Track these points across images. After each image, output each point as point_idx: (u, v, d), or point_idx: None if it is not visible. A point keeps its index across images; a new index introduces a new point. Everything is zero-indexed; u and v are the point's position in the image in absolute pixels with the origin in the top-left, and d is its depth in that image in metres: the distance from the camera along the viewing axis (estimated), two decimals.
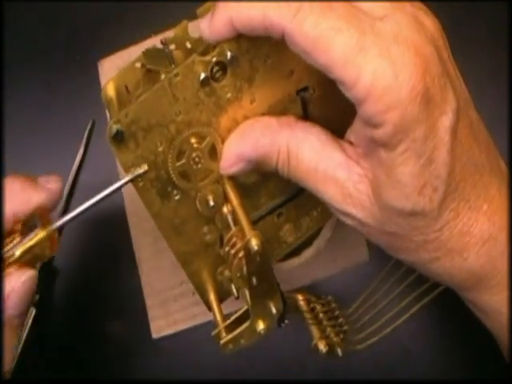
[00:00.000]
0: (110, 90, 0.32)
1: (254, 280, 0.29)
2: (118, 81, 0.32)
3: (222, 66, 0.28)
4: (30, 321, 0.44)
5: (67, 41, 0.48)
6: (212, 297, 0.35)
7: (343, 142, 0.30)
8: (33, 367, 0.44)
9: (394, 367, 0.44)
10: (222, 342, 0.31)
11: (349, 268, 0.45)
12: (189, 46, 0.32)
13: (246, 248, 0.27)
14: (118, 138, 0.28)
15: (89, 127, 0.47)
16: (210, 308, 0.35)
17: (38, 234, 0.29)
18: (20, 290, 0.29)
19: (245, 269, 0.28)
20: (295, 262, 0.43)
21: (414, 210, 0.27)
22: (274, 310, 0.30)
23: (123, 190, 0.44)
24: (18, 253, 0.29)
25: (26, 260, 0.29)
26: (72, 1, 0.48)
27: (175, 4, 0.44)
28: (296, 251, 0.43)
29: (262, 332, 0.31)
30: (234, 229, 0.31)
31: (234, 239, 0.30)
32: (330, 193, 0.29)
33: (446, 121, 0.26)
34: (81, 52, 0.47)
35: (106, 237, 0.47)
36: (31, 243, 0.29)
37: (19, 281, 0.29)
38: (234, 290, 0.35)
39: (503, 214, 0.29)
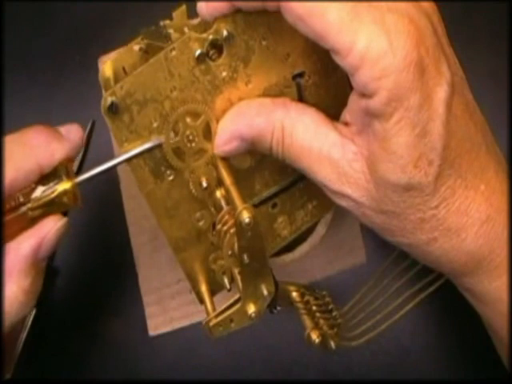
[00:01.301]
0: (107, 70, 0.32)
1: (246, 257, 0.28)
2: (115, 62, 0.32)
3: (219, 47, 0.29)
4: (30, 321, 0.43)
5: (67, 41, 0.48)
6: (204, 288, 0.35)
7: (338, 123, 0.30)
8: (33, 367, 0.44)
9: (394, 367, 0.43)
10: (211, 323, 0.30)
11: (346, 270, 0.44)
12: (187, 30, 0.33)
13: (238, 221, 0.27)
14: (113, 110, 0.28)
15: (89, 127, 0.47)
16: (201, 300, 0.35)
17: (63, 185, 0.29)
18: (54, 235, 0.30)
19: (236, 245, 0.28)
20: (289, 257, 0.42)
21: (410, 183, 0.26)
22: (265, 292, 0.30)
23: (121, 187, 0.45)
24: (38, 201, 0.29)
25: (51, 209, 0.30)
26: (72, 0, 0.48)
27: (175, 4, 0.44)
28: (290, 248, 0.42)
29: (253, 315, 0.30)
30: (226, 208, 0.30)
31: (226, 217, 0.30)
32: (325, 172, 0.29)
33: (440, 92, 0.26)
34: (80, 52, 0.48)
35: (105, 236, 0.47)
36: (55, 194, 0.29)
37: (55, 226, 0.30)
38: (226, 282, 0.34)
39: (501, 196, 0.29)
